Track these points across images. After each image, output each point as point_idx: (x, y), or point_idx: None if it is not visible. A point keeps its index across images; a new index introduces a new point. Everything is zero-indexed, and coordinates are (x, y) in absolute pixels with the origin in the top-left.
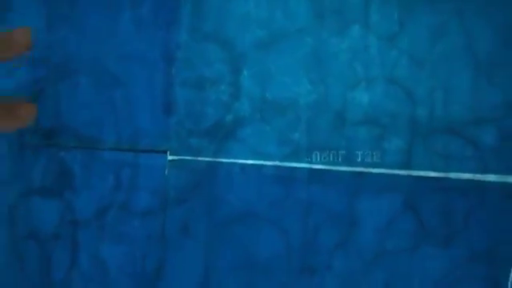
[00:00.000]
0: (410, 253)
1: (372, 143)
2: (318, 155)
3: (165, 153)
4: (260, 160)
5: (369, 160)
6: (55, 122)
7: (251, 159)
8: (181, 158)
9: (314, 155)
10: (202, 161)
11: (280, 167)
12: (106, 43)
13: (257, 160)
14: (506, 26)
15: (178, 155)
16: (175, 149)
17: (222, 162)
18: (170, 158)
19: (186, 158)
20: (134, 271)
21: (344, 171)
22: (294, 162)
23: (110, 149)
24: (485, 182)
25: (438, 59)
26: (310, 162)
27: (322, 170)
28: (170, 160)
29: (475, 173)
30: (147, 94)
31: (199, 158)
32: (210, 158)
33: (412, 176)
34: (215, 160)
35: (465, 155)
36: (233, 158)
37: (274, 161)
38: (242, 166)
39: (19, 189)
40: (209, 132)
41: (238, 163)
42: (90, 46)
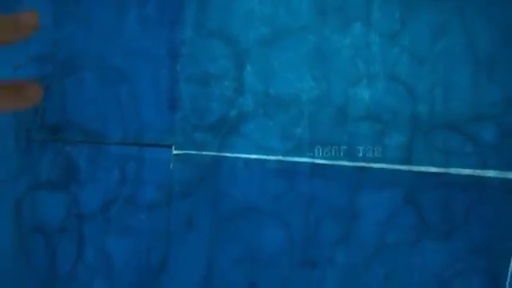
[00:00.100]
0: (411, 246)
1: (373, 139)
2: (320, 150)
3: (170, 147)
4: (263, 155)
5: (370, 155)
6: (61, 117)
7: (255, 154)
8: (185, 153)
9: (316, 150)
10: (206, 155)
11: (283, 162)
12: (112, 40)
13: (260, 155)
14: (506, 25)
15: (183, 150)
16: (180, 143)
17: (226, 157)
18: (175, 152)
19: (191, 152)
20: (139, 264)
21: (346, 166)
22: (296, 157)
23: (115, 143)
24: (485, 177)
25: (438, 57)
26: (312, 157)
27: (324, 164)
28: (174, 154)
29: (475, 168)
30: (152, 89)
31: (204, 153)
32: (215, 152)
33: (413, 171)
34: (219, 154)
35: (465, 151)
36: (237, 153)
37: (277, 155)
38: (246, 160)
39: (26, 183)
40: (213, 127)
41: (242, 158)
42: (96, 43)
